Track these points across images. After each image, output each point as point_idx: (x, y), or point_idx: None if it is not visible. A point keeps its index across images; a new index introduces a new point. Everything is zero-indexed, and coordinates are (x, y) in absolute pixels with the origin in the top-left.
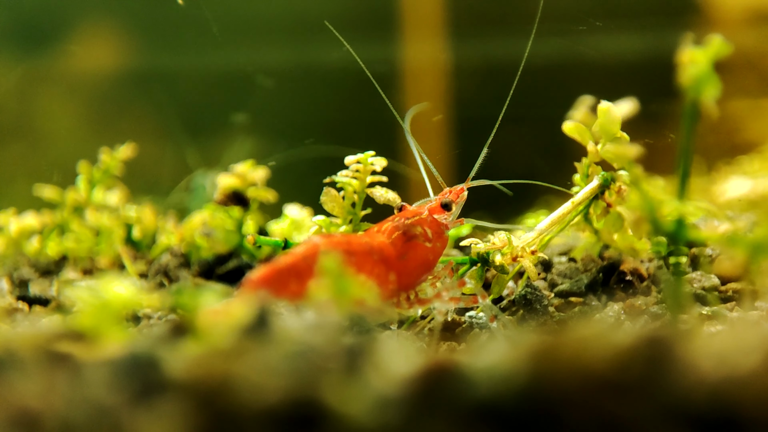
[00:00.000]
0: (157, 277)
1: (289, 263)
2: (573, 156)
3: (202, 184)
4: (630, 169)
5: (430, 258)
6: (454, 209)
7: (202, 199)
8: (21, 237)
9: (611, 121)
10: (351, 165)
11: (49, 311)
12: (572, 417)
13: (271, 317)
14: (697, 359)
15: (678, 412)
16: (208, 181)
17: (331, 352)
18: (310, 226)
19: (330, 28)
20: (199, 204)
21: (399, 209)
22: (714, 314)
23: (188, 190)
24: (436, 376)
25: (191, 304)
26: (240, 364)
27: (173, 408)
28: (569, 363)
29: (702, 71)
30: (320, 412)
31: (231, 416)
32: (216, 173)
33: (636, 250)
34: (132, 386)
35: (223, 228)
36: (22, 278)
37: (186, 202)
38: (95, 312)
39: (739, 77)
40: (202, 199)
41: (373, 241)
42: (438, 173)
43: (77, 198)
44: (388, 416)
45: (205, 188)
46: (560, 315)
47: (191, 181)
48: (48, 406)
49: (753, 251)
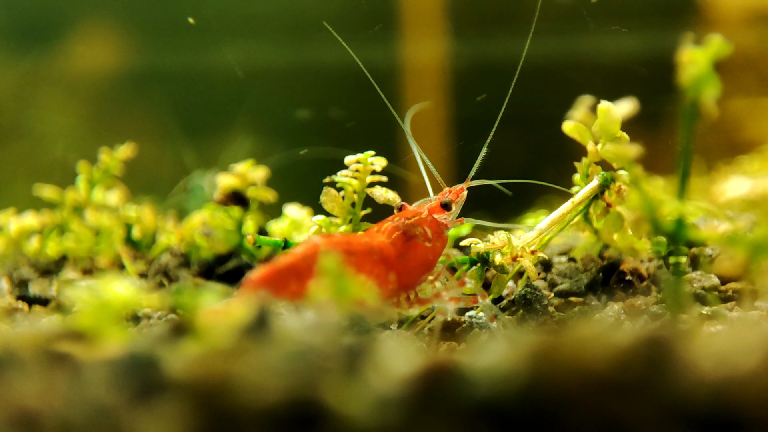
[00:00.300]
0: (156, 277)
1: (288, 263)
2: (573, 156)
3: (200, 185)
4: (630, 168)
5: (430, 258)
6: (453, 209)
7: (200, 199)
8: (21, 237)
9: (611, 121)
10: (351, 165)
11: (49, 311)
12: (572, 417)
13: (271, 317)
14: (697, 359)
15: (678, 413)
16: (206, 181)
17: (331, 352)
18: (309, 225)
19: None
20: (196, 204)
21: (399, 209)
22: (714, 314)
23: (186, 190)
24: (436, 376)
25: (191, 304)
26: (240, 364)
27: (173, 408)
28: (569, 363)
29: (702, 71)
30: (320, 412)
31: (231, 416)
32: (214, 174)
33: (636, 249)
34: (131, 386)
35: (222, 228)
36: (22, 278)
37: (184, 203)
38: (95, 312)
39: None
40: (199, 199)
41: (373, 241)
42: (437, 173)
43: (77, 198)
44: (387, 416)
45: (203, 189)
46: (560, 315)
47: (189, 181)
48: (47, 406)
49: (753, 251)
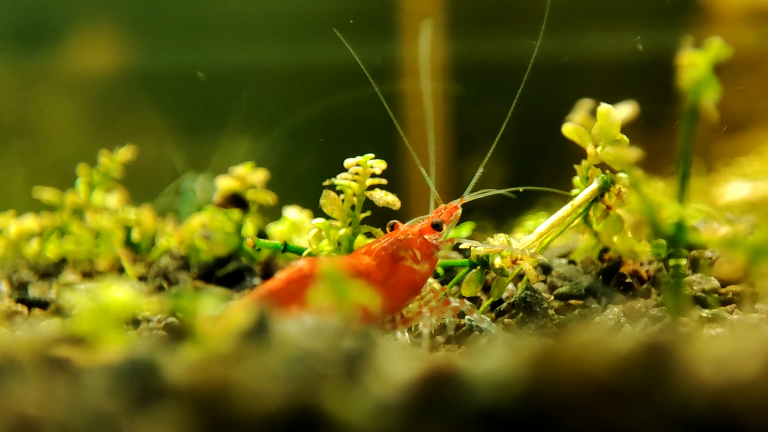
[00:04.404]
0: (156, 280)
1: (272, 289)
2: (573, 158)
3: (192, 188)
4: (630, 171)
5: (417, 280)
6: (444, 229)
7: (192, 203)
8: (20, 239)
9: (611, 123)
10: (350, 167)
11: (49, 314)
12: (572, 423)
13: (270, 323)
14: (698, 365)
15: (679, 419)
16: (198, 185)
17: (330, 357)
18: (309, 228)
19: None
20: (188, 208)
21: (390, 227)
22: (714, 317)
23: (177, 193)
24: (436, 381)
25: (190, 307)
26: (239, 369)
27: (172, 414)
28: (569, 369)
29: (701, 74)
30: (319, 418)
31: (230, 422)
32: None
33: (636, 252)
34: (131, 392)
35: (222, 230)
36: (22, 281)
37: (175, 205)
38: (94, 316)
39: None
40: (191, 203)
41: (360, 264)
42: (434, 188)
43: (77, 200)
44: (387, 422)
45: (195, 192)
46: (560, 318)
47: (180, 184)
48: (46, 411)
49: (753, 254)
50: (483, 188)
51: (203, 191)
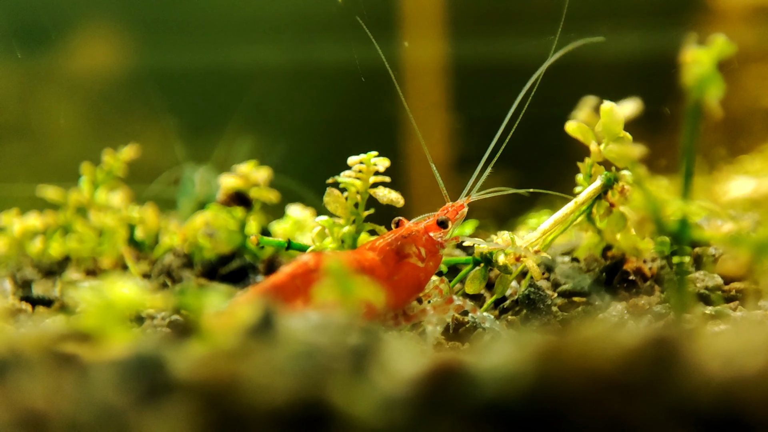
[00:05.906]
0: (160, 278)
1: (276, 283)
2: (576, 156)
3: (191, 178)
4: (633, 169)
5: (422, 277)
6: (450, 227)
7: (190, 192)
8: (24, 237)
9: (614, 121)
10: (354, 165)
11: (53, 312)
12: (579, 418)
13: (276, 318)
14: (704, 360)
15: (685, 413)
16: (198, 176)
17: (337, 352)
18: (312, 226)
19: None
20: (186, 199)
21: (396, 224)
22: (717, 314)
23: (175, 182)
24: (443, 376)
25: (195, 304)
26: (246, 364)
27: (180, 409)
28: (576, 363)
29: (705, 71)
30: (327, 412)
31: (238, 417)
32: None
33: (639, 249)
34: (138, 387)
35: (226, 228)
36: (26, 279)
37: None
38: (99, 312)
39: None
40: (189, 192)
41: (364, 260)
42: (443, 186)
43: (80, 199)
44: (394, 417)
45: (194, 182)
46: (563, 315)
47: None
48: (54, 407)
49: (756, 251)
50: (487, 187)
51: (202, 184)
